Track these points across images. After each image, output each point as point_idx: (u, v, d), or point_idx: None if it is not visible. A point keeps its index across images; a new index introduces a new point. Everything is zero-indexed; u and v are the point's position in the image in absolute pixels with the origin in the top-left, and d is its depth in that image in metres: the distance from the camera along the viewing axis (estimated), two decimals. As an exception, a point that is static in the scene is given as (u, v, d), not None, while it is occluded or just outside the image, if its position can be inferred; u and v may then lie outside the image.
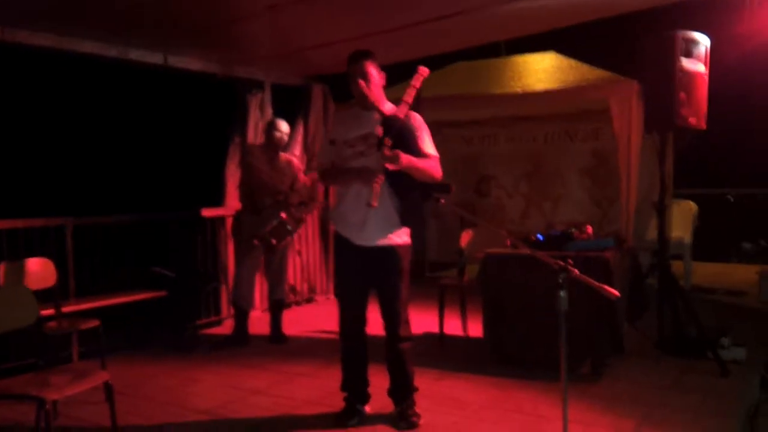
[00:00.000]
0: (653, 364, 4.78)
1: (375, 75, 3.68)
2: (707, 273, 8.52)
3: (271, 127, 5.70)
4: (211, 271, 6.32)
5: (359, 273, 3.78)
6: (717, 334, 4.91)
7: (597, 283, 2.68)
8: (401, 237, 3.75)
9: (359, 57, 3.67)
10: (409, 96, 3.61)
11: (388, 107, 3.74)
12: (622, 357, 4.89)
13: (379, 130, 3.53)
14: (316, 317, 6.68)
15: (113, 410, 3.34)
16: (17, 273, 4.35)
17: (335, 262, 4.06)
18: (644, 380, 4.46)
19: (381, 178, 3.46)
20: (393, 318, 3.77)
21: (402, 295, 3.77)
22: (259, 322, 6.07)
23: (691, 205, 7.96)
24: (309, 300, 7.49)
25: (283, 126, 5.69)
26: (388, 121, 3.55)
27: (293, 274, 7.29)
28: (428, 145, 3.73)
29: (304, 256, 7.42)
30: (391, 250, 3.72)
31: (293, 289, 7.31)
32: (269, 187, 5.55)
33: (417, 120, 3.75)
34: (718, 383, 4.38)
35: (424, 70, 3.68)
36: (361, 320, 3.87)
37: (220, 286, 6.42)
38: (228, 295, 6.34)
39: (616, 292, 2.66)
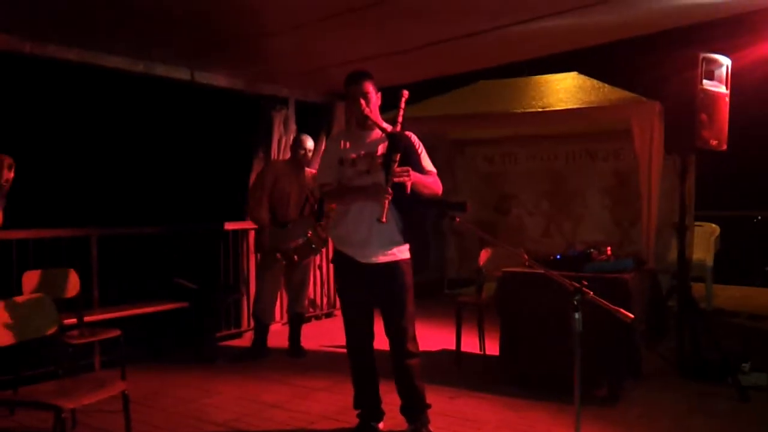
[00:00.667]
0: (671, 388, 4.74)
1: (374, 95, 3.73)
2: (730, 296, 8.43)
3: (296, 143, 5.76)
4: (232, 283, 6.38)
5: (363, 290, 3.80)
6: (738, 358, 4.86)
7: (612, 306, 2.69)
8: (403, 253, 3.78)
9: (359, 78, 3.70)
10: (400, 116, 3.65)
11: (385, 126, 3.74)
12: (640, 380, 4.84)
13: (384, 148, 3.59)
14: (335, 332, 6.64)
15: (128, 420, 3.39)
16: (41, 282, 4.44)
17: (337, 280, 4.06)
18: (661, 405, 4.43)
19: (390, 194, 3.49)
20: (400, 334, 3.78)
21: (408, 310, 3.78)
22: (278, 335, 6.12)
23: (713, 227, 7.91)
24: (328, 314, 7.53)
25: (309, 143, 5.76)
26: (395, 139, 3.57)
27: (313, 288, 7.34)
28: (428, 161, 3.80)
29: (324, 270, 7.46)
30: (395, 266, 3.74)
31: (313, 303, 7.35)
32: (293, 203, 5.61)
33: (414, 138, 3.81)
34: (738, 409, 4.34)
35: (405, 93, 3.72)
36: (368, 337, 3.89)
37: (241, 298, 6.49)
38: (249, 307, 6.40)
39: (631, 315, 2.66)
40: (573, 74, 7.27)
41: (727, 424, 4.06)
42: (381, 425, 3.93)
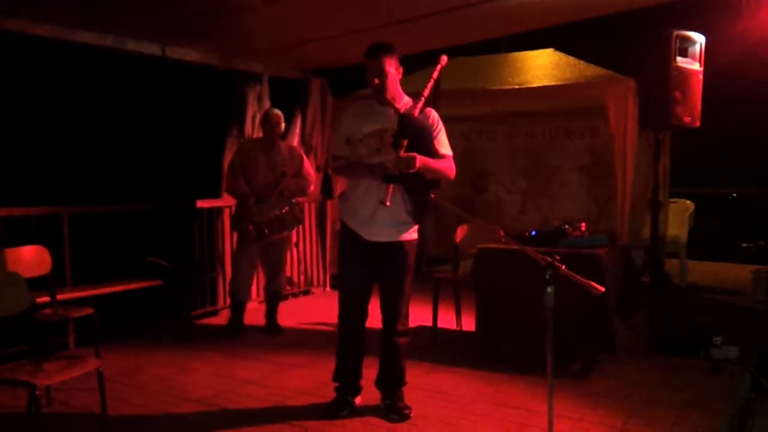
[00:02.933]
0: (644, 361, 4.81)
1: (392, 71, 3.60)
2: (704, 272, 8.54)
3: (265, 118, 5.69)
4: (207, 261, 6.34)
5: (365, 267, 3.79)
6: (709, 332, 4.93)
7: (583, 279, 2.71)
8: (409, 233, 3.76)
9: (376, 52, 3.59)
10: (427, 89, 3.57)
11: (405, 102, 3.70)
12: (614, 354, 4.90)
13: (395, 130, 3.48)
14: (312, 309, 6.71)
15: (104, 397, 3.38)
16: (12, 260, 4.37)
17: (340, 253, 4.02)
18: (634, 377, 4.49)
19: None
20: (393, 313, 3.80)
21: (405, 290, 3.80)
22: (255, 313, 6.10)
23: (688, 204, 7.98)
24: (306, 292, 7.52)
25: (276, 117, 5.64)
26: (405, 121, 3.47)
27: (290, 266, 7.32)
28: (444, 144, 3.71)
29: (301, 248, 7.44)
30: (399, 246, 3.73)
31: (290, 281, 7.33)
32: (265, 181, 5.54)
33: (433, 117, 3.71)
34: (709, 381, 4.41)
35: (443, 59, 3.65)
36: (362, 313, 3.88)
37: (216, 276, 6.45)
38: (225, 286, 6.37)
39: (602, 288, 2.68)
40: (549, 51, 7.25)
41: (698, 396, 4.12)
42: (357, 400, 3.95)
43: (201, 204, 6.30)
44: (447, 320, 5.69)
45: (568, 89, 6.39)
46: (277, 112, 5.69)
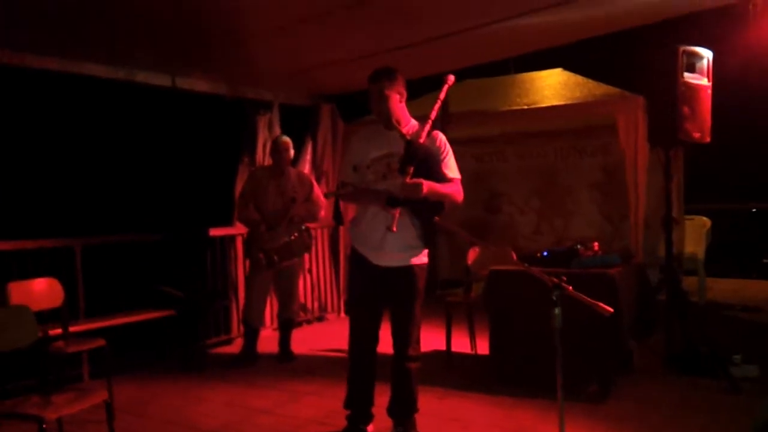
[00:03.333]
0: (662, 382, 4.72)
1: (394, 95, 3.59)
2: (723, 289, 8.42)
3: (274, 146, 5.71)
4: (220, 290, 6.34)
5: (374, 292, 3.76)
6: (729, 350, 4.83)
7: (591, 300, 2.66)
8: (419, 257, 3.72)
9: (377, 77, 3.60)
10: (434, 111, 3.53)
11: (412, 125, 3.68)
12: (630, 376, 4.82)
13: (401, 155, 3.44)
14: (326, 336, 6.67)
15: (111, 430, 3.34)
16: (24, 293, 4.39)
17: (350, 278, 4.01)
18: (652, 399, 4.41)
19: (397, 209, 3.43)
20: (404, 338, 3.75)
21: (415, 315, 3.75)
22: (268, 340, 6.06)
23: (704, 221, 7.89)
24: (320, 319, 7.49)
25: (285, 144, 5.65)
26: (411, 148, 3.43)
27: (303, 292, 7.30)
28: (451, 167, 3.67)
29: (315, 274, 7.42)
30: (409, 271, 3.70)
31: (303, 308, 7.31)
32: (275, 208, 5.55)
33: (441, 140, 3.67)
34: (729, 401, 4.31)
35: (450, 79, 3.64)
36: (373, 339, 3.84)
37: (230, 305, 6.45)
38: (238, 314, 6.36)
39: (610, 309, 2.63)
40: (558, 71, 7.25)
41: (717, 417, 4.04)
42: (370, 428, 3.90)
43: (214, 232, 6.31)
44: (461, 344, 5.62)
45: (577, 108, 6.38)
46: (286, 138, 5.71)
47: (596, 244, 5.00)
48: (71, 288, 5.17)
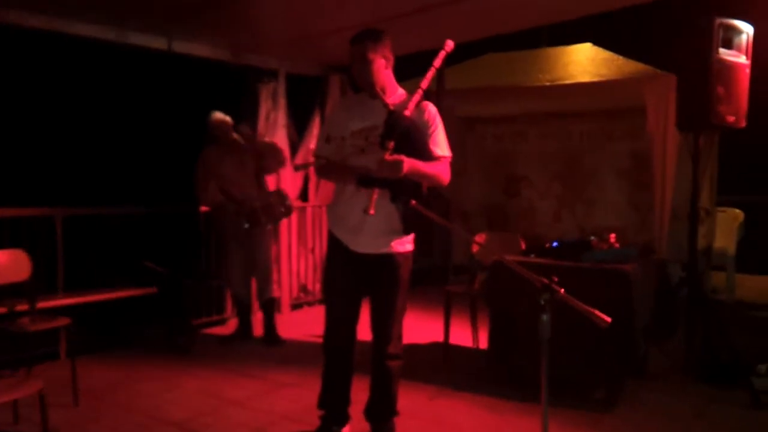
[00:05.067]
0: (677, 390, 4.28)
1: (379, 60, 3.17)
2: (753, 287, 7.85)
3: (210, 125, 5.39)
4: (213, 268, 6.01)
5: (352, 280, 3.37)
6: (753, 358, 4.37)
7: (585, 307, 2.25)
8: (403, 244, 3.31)
9: (360, 39, 3.16)
10: (426, 80, 3.09)
11: (398, 95, 3.26)
12: (644, 381, 4.40)
13: (382, 129, 3.03)
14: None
15: (45, 423, 3.04)
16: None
17: (326, 265, 3.61)
18: (666, 409, 3.98)
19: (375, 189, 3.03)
20: (384, 333, 3.35)
21: (397, 308, 3.34)
22: (256, 324, 5.74)
23: (737, 213, 7.36)
24: (321, 301, 7.14)
25: (218, 121, 5.37)
26: (392, 119, 3.01)
27: (305, 272, 6.98)
28: (440, 144, 3.23)
29: (318, 254, 7.08)
30: (390, 258, 3.29)
31: (304, 289, 6.99)
32: (241, 183, 5.31)
33: (430, 112, 3.23)
34: (750, 416, 3.88)
35: (448, 44, 3.19)
36: (349, 333, 3.45)
37: (223, 283, 6.11)
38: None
39: (608, 319, 2.21)
40: (587, 45, 6.72)
41: (736, 434, 3.61)
42: (345, 430, 3.53)
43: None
44: (463, 336, 5.24)
45: (604, 87, 5.88)
46: (218, 115, 5.39)
47: (613, 235, 4.54)
48: (51, 261, 4.90)
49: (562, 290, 2.30)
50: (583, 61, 6.48)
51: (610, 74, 5.96)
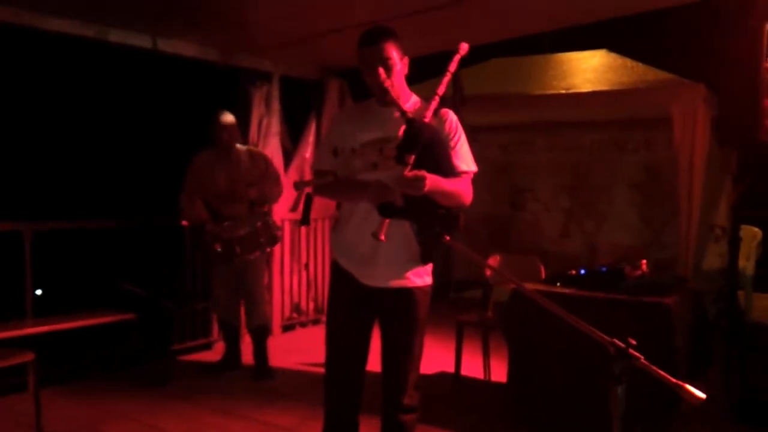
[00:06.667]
0: (717, 431, 3.86)
1: (397, 61, 2.70)
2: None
3: (213, 123, 4.85)
4: (199, 289, 5.49)
5: (360, 317, 2.88)
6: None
7: (674, 380, 1.79)
8: (422, 276, 2.81)
9: (377, 37, 2.69)
10: (442, 86, 2.62)
11: (412, 103, 2.80)
12: (681, 424, 3.96)
13: (399, 139, 2.52)
14: (319, 343, 5.79)
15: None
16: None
17: (330, 296, 3.07)
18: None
19: (398, 200, 2.54)
20: (398, 381, 2.85)
21: (414, 353, 2.84)
22: (245, 350, 5.23)
23: (755, 231, 6.96)
24: (315, 322, 6.66)
25: (227, 118, 4.85)
26: (413, 129, 2.52)
27: (298, 290, 6.50)
28: (464, 157, 2.77)
29: (312, 270, 6.60)
30: (407, 294, 2.79)
31: (297, 308, 6.51)
32: (227, 196, 4.79)
33: (451, 121, 2.78)
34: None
35: (462, 47, 2.71)
36: (356, 374, 2.93)
37: (209, 306, 5.58)
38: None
39: (703, 396, 1.76)
40: (601, 52, 6.31)
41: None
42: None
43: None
44: (473, 366, 4.78)
45: (623, 96, 5.48)
46: (228, 114, 4.89)
47: (644, 262, 4.10)
48: (18, 282, 4.41)
49: (642, 357, 1.84)
50: (599, 68, 6.09)
51: (630, 82, 5.57)
